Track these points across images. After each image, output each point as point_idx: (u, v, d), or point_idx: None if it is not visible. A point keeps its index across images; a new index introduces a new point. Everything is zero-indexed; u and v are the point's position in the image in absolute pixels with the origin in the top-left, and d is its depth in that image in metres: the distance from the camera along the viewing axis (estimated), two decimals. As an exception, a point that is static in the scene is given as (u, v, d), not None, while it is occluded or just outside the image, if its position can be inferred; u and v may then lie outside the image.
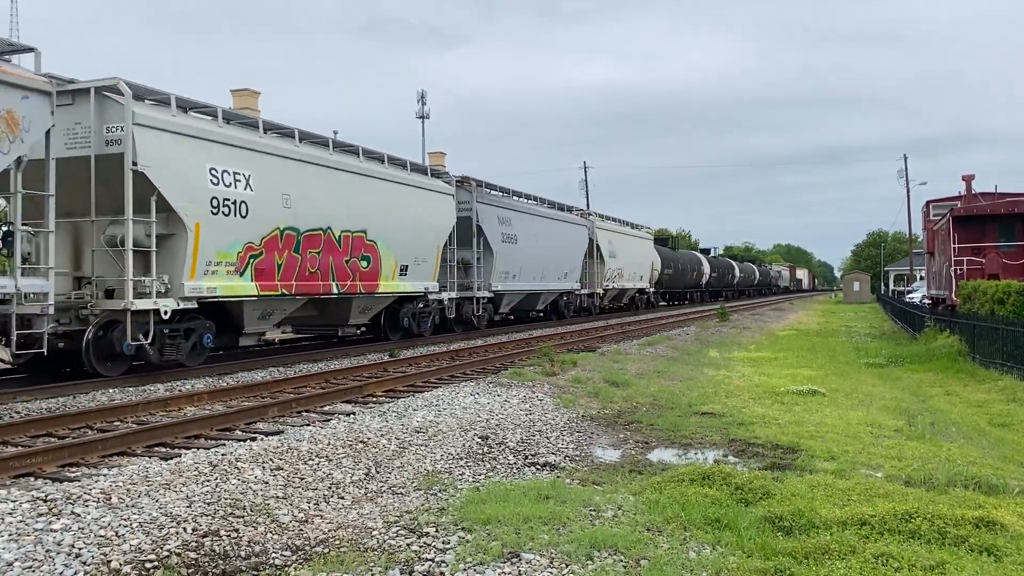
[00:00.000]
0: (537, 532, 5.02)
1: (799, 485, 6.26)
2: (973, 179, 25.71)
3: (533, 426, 8.91)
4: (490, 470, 7.02)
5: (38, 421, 8.66)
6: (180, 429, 8.39)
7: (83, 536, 4.68)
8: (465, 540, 4.92)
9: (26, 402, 10.29)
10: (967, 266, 21.42)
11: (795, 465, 7.24)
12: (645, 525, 5.25)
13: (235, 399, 10.79)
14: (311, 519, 5.40)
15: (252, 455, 6.67)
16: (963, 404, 12.54)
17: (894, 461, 7.40)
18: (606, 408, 10.34)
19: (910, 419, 9.77)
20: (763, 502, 5.78)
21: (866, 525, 5.18)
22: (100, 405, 9.98)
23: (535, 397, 10.64)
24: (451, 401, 9.96)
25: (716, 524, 5.29)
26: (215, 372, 13.31)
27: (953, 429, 9.78)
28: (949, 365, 17.00)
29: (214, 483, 5.88)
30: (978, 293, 18.72)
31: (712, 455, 7.85)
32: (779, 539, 5.04)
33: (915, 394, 13.40)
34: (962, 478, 6.56)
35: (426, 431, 8.10)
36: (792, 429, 8.95)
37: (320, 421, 9.05)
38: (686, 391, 12.01)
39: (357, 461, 6.86)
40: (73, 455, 7.20)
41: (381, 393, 11.43)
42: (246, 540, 4.90)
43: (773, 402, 11.05)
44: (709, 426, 9.15)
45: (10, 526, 4.75)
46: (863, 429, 9.13)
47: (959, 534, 5.01)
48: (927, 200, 29.06)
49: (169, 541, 4.75)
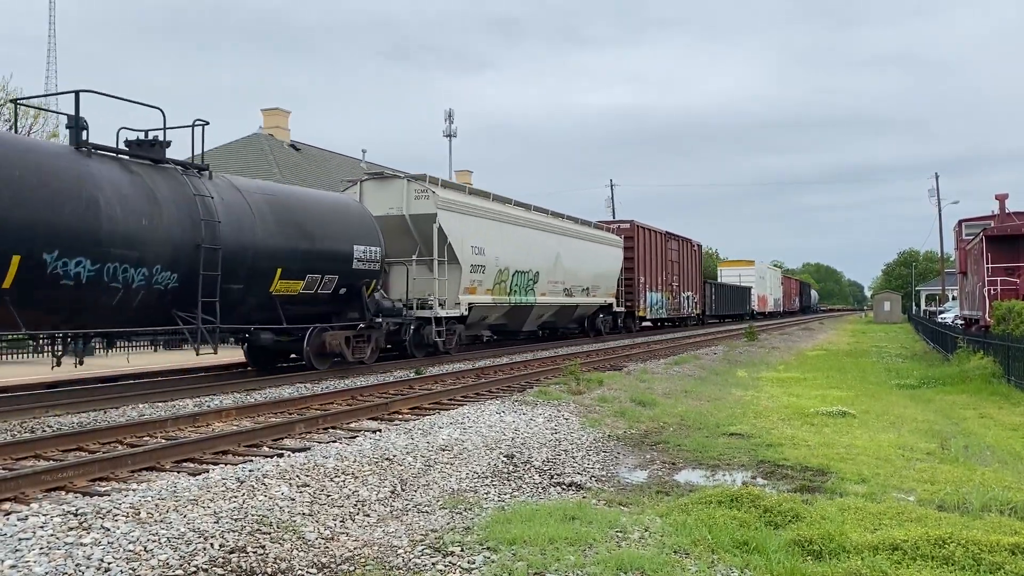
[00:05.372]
0: (563, 553, 4.99)
1: (829, 508, 6.17)
2: (1007, 198, 25.37)
3: (559, 445, 8.87)
4: (515, 489, 6.99)
5: (69, 436, 8.76)
6: (208, 445, 8.45)
7: (112, 551, 4.72)
8: (491, 560, 4.90)
9: (57, 416, 10.43)
10: (1001, 286, 21.08)
11: (825, 488, 7.13)
12: (672, 548, 5.19)
13: (262, 415, 10.86)
14: (337, 536, 5.41)
15: (279, 471, 6.70)
16: (997, 427, 12.30)
17: (927, 485, 7.27)
18: (632, 428, 10.28)
19: (943, 442, 9.60)
20: (792, 525, 5.70)
21: (898, 550, 5.09)
22: (130, 420, 10.09)
23: (561, 416, 10.60)
24: (476, 419, 9.95)
25: (744, 547, 5.22)
26: (243, 388, 13.42)
27: (988, 453, 9.59)
28: (983, 387, 16.70)
29: (241, 499, 5.91)
30: (1012, 314, 18.40)
31: (740, 477, 7.76)
32: (809, 563, 4.96)
33: (948, 416, 13.17)
34: (997, 503, 6.42)
35: (451, 449, 8.09)
36: (822, 451, 8.83)
37: (346, 438, 9.07)
38: (714, 411, 11.90)
39: (383, 479, 6.87)
40: (103, 470, 7.28)
41: (407, 410, 11.45)
42: (272, 557, 4.92)
43: (802, 423, 10.92)
44: (737, 447, 9.06)
45: (41, 540, 4.80)
46: (895, 452, 8.98)
47: (994, 560, 4.91)
48: (959, 219, 28.69)
49: (197, 557, 4.77)
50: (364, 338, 16.53)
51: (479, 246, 20.78)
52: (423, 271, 19.17)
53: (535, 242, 24.34)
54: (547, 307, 25.47)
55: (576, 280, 27.29)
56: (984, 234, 22.12)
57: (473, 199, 21.48)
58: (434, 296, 18.88)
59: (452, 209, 19.77)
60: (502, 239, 22.20)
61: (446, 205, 19.56)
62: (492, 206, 22.48)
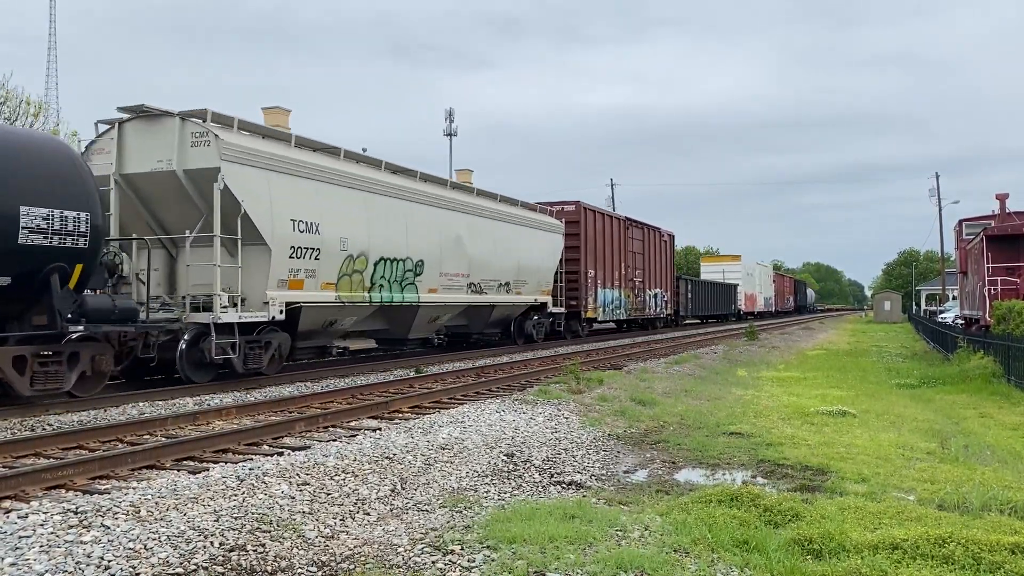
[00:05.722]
0: (563, 552, 4.99)
1: (829, 507, 6.17)
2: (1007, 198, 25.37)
3: (559, 444, 8.87)
4: (515, 488, 6.99)
5: (70, 434, 8.77)
6: (208, 443, 8.46)
7: (112, 549, 4.73)
8: (491, 559, 4.90)
9: (58, 415, 10.43)
10: (1001, 286, 21.08)
11: (825, 487, 7.13)
12: (672, 546, 5.19)
13: (262, 413, 10.87)
14: (337, 535, 5.41)
15: (279, 470, 6.70)
16: (998, 427, 12.30)
17: (927, 484, 7.27)
18: (632, 427, 10.28)
19: (943, 441, 9.60)
20: (792, 524, 5.70)
21: (898, 549, 5.09)
22: (130, 419, 10.09)
23: (561, 415, 10.60)
24: (476, 418, 9.95)
25: (744, 546, 5.22)
26: (243, 387, 13.42)
27: (988, 452, 9.59)
28: (983, 387, 16.71)
29: (241, 498, 5.91)
30: (1013, 313, 18.40)
31: (740, 476, 7.76)
32: (809, 562, 4.96)
33: (948, 416, 13.17)
34: (997, 503, 6.42)
35: (451, 448, 8.09)
36: (822, 450, 8.83)
37: (347, 437, 9.08)
38: (714, 411, 11.90)
39: (383, 477, 6.87)
40: (103, 468, 7.28)
41: (407, 409, 11.45)
42: (272, 555, 4.92)
43: (802, 423, 10.92)
44: (737, 446, 9.06)
45: (41, 538, 4.81)
46: (895, 451, 8.98)
47: (994, 560, 4.91)
48: (959, 219, 28.71)
49: (197, 555, 4.77)
50: (68, 357, 10.98)
51: (309, 221, 14.76)
52: (206, 255, 13.33)
53: (418, 220, 18.12)
54: (444, 308, 19.63)
55: (489, 273, 21.41)
56: (984, 234, 22.12)
57: (298, 154, 15.12)
58: (217, 291, 13.06)
59: (252, 163, 13.74)
60: (353, 213, 16.06)
61: (239, 156, 13.50)
62: (340, 167, 16.13)
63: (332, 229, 15.41)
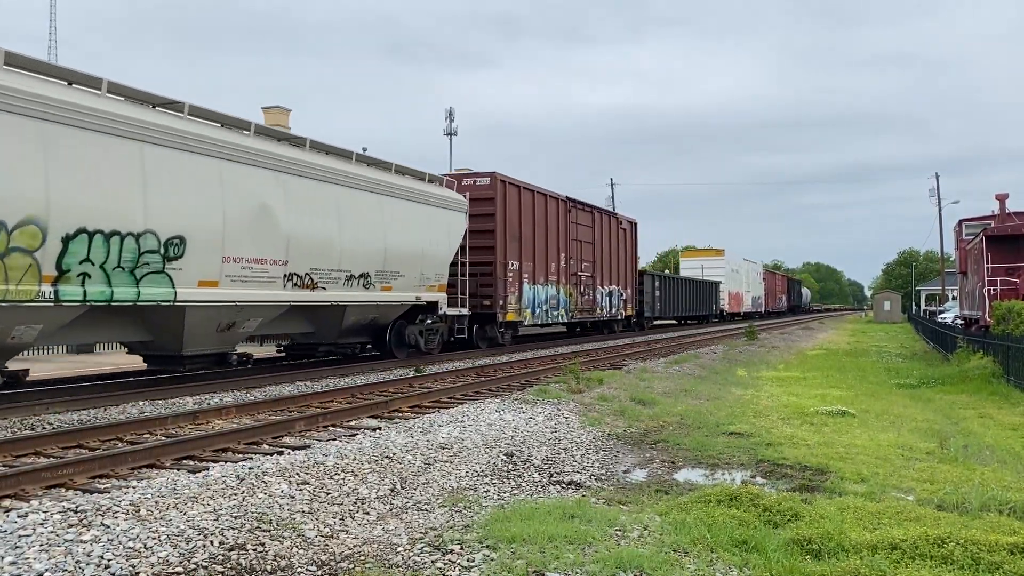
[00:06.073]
0: (562, 551, 4.99)
1: (828, 507, 6.18)
2: (1007, 198, 25.38)
3: (558, 444, 8.88)
4: (515, 488, 7.00)
5: (69, 433, 8.77)
6: (208, 442, 8.46)
7: (112, 548, 4.73)
8: (490, 558, 4.90)
9: (58, 414, 10.44)
10: (1001, 286, 21.09)
11: (824, 487, 7.14)
12: (671, 546, 5.20)
13: (262, 413, 10.87)
14: (336, 534, 5.42)
15: (279, 469, 6.71)
16: (997, 427, 12.31)
17: (926, 484, 7.28)
18: (632, 427, 10.29)
19: (942, 442, 9.61)
20: (791, 524, 5.71)
21: (897, 549, 5.10)
22: (130, 418, 10.10)
23: (560, 415, 10.61)
24: (476, 417, 9.96)
25: (744, 546, 5.23)
26: (243, 386, 13.42)
27: (987, 452, 9.60)
28: (982, 387, 16.71)
29: (241, 497, 5.92)
30: (1012, 314, 18.41)
31: (740, 476, 7.77)
32: (808, 562, 4.97)
33: (947, 416, 13.17)
34: (996, 503, 6.43)
35: (451, 447, 8.10)
36: (821, 450, 8.84)
37: (346, 436, 9.08)
38: (713, 411, 11.91)
39: (383, 476, 6.88)
40: (103, 467, 7.28)
41: (407, 408, 11.46)
42: (272, 554, 4.93)
43: (802, 423, 10.93)
44: (737, 446, 9.06)
45: (41, 536, 4.81)
46: (894, 451, 8.99)
47: (993, 560, 4.91)
48: (959, 219, 28.73)
49: (196, 554, 4.78)
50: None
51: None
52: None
53: (171, 175, 11.52)
54: (240, 310, 13.05)
55: (327, 260, 14.77)
56: (984, 234, 22.13)
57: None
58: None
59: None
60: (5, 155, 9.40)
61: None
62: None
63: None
